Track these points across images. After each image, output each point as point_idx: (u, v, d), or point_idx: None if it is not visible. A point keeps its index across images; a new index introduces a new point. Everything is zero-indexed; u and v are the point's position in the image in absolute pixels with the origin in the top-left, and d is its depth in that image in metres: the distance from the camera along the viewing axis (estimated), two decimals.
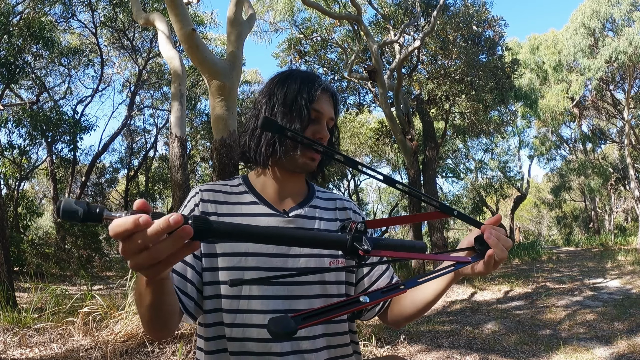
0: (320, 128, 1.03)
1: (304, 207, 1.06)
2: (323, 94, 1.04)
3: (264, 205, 1.03)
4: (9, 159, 13.06)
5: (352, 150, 18.80)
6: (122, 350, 3.27)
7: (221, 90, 4.21)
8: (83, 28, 14.56)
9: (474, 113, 10.49)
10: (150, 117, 18.75)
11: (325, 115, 1.04)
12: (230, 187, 1.07)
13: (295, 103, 1.01)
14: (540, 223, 35.76)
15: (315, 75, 1.09)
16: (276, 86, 1.05)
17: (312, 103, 1.02)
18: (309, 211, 1.07)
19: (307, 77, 1.06)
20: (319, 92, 1.03)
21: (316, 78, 1.07)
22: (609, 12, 15.47)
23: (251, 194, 1.05)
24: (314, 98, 1.02)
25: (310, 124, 1.02)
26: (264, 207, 1.03)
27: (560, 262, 12.52)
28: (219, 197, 1.03)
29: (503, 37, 10.82)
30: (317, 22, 12.64)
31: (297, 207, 1.06)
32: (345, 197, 1.20)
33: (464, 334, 4.69)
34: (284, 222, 1.02)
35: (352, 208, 1.16)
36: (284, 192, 1.06)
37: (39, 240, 13.64)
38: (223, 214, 1.00)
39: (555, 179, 25.98)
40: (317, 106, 1.02)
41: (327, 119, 1.04)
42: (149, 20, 6.12)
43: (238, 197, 1.04)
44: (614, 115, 19.98)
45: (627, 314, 5.26)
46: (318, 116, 1.03)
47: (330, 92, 1.07)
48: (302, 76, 1.06)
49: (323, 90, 1.05)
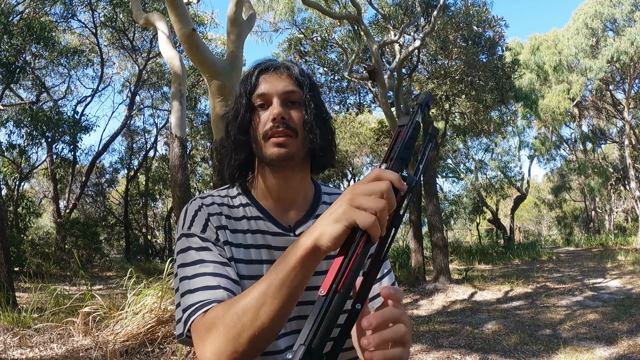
0: (270, 109, 0.91)
1: (310, 220, 0.97)
2: (265, 75, 0.94)
3: (269, 221, 0.95)
4: (8, 159, 13.06)
5: (352, 150, 18.80)
6: (122, 350, 3.26)
7: (221, 90, 4.21)
8: (83, 28, 14.59)
9: (474, 113, 10.49)
10: (150, 117, 18.77)
11: (272, 93, 0.92)
12: (231, 200, 0.98)
13: (240, 102, 0.93)
14: (541, 223, 35.73)
15: (260, 62, 0.98)
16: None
17: (254, 91, 0.93)
18: None
19: (250, 68, 0.97)
20: (255, 76, 0.93)
21: (259, 64, 0.97)
22: (611, 12, 15.47)
23: (254, 207, 0.96)
24: (252, 86, 0.93)
25: (260, 111, 0.92)
26: (269, 223, 0.94)
27: (561, 262, 12.51)
28: (225, 211, 0.94)
29: (503, 37, 10.82)
30: (317, 22, 12.64)
31: (303, 220, 0.97)
32: None
33: (464, 334, 4.69)
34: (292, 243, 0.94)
35: None
36: (287, 198, 0.97)
37: (39, 240, 13.64)
38: (233, 230, 0.92)
39: (555, 179, 25.98)
40: (258, 90, 0.92)
41: (277, 95, 0.92)
42: (149, 20, 6.12)
43: (241, 211, 0.96)
44: (614, 115, 19.98)
45: (628, 314, 5.26)
46: (265, 99, 0.92)
47: (272, 67, 0.95)
48: (246, 71, 0.98)
49: (262, 71, 0.94)
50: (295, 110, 0.93)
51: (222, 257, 0.87)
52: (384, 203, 0.60)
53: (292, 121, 0.91)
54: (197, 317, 0.78)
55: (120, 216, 18.13)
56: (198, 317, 0.78)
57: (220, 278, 0.83)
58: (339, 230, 0.61)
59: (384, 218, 0.60)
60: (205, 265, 0.85)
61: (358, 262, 0.58)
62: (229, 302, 0.73)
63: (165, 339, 3.41)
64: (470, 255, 14.16)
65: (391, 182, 0.61)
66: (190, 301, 0.81)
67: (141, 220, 18.74)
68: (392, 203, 0.61)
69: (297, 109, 0.93)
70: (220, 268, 0.85)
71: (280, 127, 0.90)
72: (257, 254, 0.92)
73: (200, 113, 17.01)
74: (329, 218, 0.63)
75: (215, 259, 0.86)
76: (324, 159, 0.97)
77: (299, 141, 0.92)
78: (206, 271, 0.84)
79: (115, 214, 19.00)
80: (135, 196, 18.47)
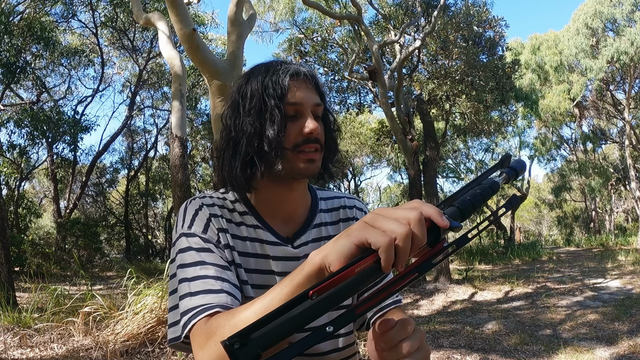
0: (305, 122, 0.86)
1: (308, 230, 0.94)
2: (295, 81, 0.87)
3: (267, 231, 0.91)
4: (9, 159, 13.07)
5: (353, 150, 18.81)
6: (122, 350, 3.26)
7: (222, 90, 4.22)
8: (83, 28, 14.59)
9: (474, 113, 10.49)
10: (151, 117, 18.77)
11: (306, 105, 0.86)
12: (231, 204, 0.93)
13: (265, 106, 0.85)
14: (541, 223, 35.73)
15: (280, 62, 0.91)
16: (239, 93, 0.90)
17: (285, 97, 0.85)
18: (315, 233, 0.95)
19: (270, 67, 0.89)
20: (287, 81, 0.86)
21: (281, 64, 0.90)
22: (611, 13, 15.47)
23: (252, 215, 0.92)
24: (284, 91, 0.85)
25: (290, 121, 0.86)
26: (267, 233, 0.91)
27: (561, 262, 12.51)
28: (226, 214, 0.91)
29: (504, 37, 10.82)
30: (317, 22, 12.65)
31: (301, 230, 0.94)
32: (350, 201, 1.04)
33: (465, 334, 4.69)
34: (290, 254, 0.91)
35: (356, 216, 1.01)
36: (287, 209, 0.94)
37: (39, 240, 13.66)
38: (233, 235, 0.89)
39: (555, 179, 25.96)
40: (292, 98, 0.86)
41: (310, 107, 0.87)
42: (150, 21, 6.12)
43: (240, 217, 0.92)
44: (614, 116, 19.97)
45: (628, 314, 5.25)
46: (298, 109, 0.86)
47: (302, 74, 0.88)
48: (265, 68, 0.90)
49: (293, 75, 0.87)
50: (319, 123, 0.89)
51: (223, 260, 0.84)
52: (407, 229, 0.53)
53: (321, 136, 0.89)
54: (198, 321, 0.74)
55: (121, 216, 18.13)
56: (199, 321, 0.74)
57: (223, 282, 0.80)
58: (346, 246, 0.55)
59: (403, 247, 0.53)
60: (207, 268, 0.81)
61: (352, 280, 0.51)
62: (231, 312, 0.71)
63: (165, 339, 3.41)
64: (470, 255, 14.17)
65: (429, 216, 0.55)
66: (190, 304, 0.77)
67: (141, 220, 18.75)
68: (421, 236, 0.54)
69: (320, 122, 0.90)
70: (222, 272, 0.81)
71: (316, 142, 0.87)
72: (256, 262, 0.89)
73: (201, 113, 17.02)
74: (343, 234, 0.59)
75: (217, 261, 0.82)
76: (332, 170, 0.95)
77: (322, 156, 0.90)
78: (208, 274, 0.80)
79: (115, 214, 19.01)
80: (136, 196, 18.48)
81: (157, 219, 21.48)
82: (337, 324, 0.49)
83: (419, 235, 0.53)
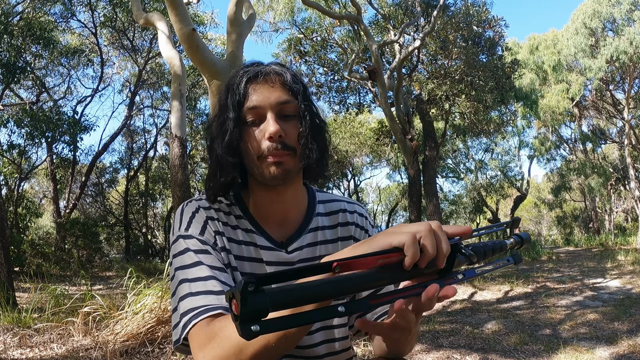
0: (265, 125, 0.82)
1: (303, 234, 0.92)
2: (254, 84, 0.83)
3: (261, 236, 0.90)
4: (8, 159, 13.06)
5: (352, 150, 18.79)
6: (122, 350, 3.26)
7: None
8: (83, 28, 14.58)
9: (474, 113, 10.50)
10: (150, 117, 18.76)
11: (265, 106, 0.82)
12: (228, 207, 0.92)
13: (224, 116, 0.83)
14: (541, 223, 35.75)
15: (250, 64, 0.87)
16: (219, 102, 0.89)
17: (243, 103, 0.82)
18: (311, 237, 0.93)
19: (237, 74, 0.86)
20: (243, 86, 0.82)
21: (245, 69, 0.86)
22: (610, 12, 15.48)
23: (246, 219, 0.91)
24: (241, 97, 0.82)
25: (253, 127, 0.83)
26: (261, 238, 0.90)
27: (561, 262, 12.52)
28: (222, 217, 0.90)
29: (503, 37, 10.84)
30: (317, 22, 12.65)
31: (295, 235, 0.92)
32: (351, 206, 1.01)
33: (464, 334, 4.69)
34: (284, 259, 0.90)
35: (356, 222, 0.99)
36: (278, 212, 0.92)
37: (39, 240, 13.65)
38: (229, 239, 0.89)
39: (555, 179, 25.97)
40: (250, 103, 0.82)
41: (271, 108, 0.82)
42: (149, 20, 6.12)
43: (236, 221, 0.91)
44: (614, 115, 19.98)
45: (628, 314, 5.26)
46: (258, 112, 0.82)
47: (263, 74, 0.83)
48: (233, 74, 0.87)
49: (251, 79, 0.83)
50: (290, 124, 0.84)
51: (220, 263, 0.84)
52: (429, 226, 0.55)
53: (289, 138, 0.83)
54: (198, 322, 0.74)
55: (120, 216, 18.13)
56: (201, 322, 0.74)
57: (223, 284, 0.80)
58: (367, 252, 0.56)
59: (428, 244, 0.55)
60: (206, 269, 0.81)
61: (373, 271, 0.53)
62: None
63: (165, 339, 3.41)
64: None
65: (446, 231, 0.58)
66: (190, 305, 0.77)
67: (141, 220, 18.75)
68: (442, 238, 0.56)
69: (292, 122, 0.84)
70: (220, 274, 0.82)
71: (278, 147, 0.82)
72: (251, 267, 0.89)
73: (200, 113, 17.01)
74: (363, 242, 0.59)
75: (215, 263, 0.83)
76: (318, 170, 0.90)
77: (296, 158, 0.85)
78: (207, 275, 0.80)
79: (115, 214, 19.01)
80: (135, 196, 18.47)
81: (157, 219, 21.48)
82: (350, 307, 0.50)
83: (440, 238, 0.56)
